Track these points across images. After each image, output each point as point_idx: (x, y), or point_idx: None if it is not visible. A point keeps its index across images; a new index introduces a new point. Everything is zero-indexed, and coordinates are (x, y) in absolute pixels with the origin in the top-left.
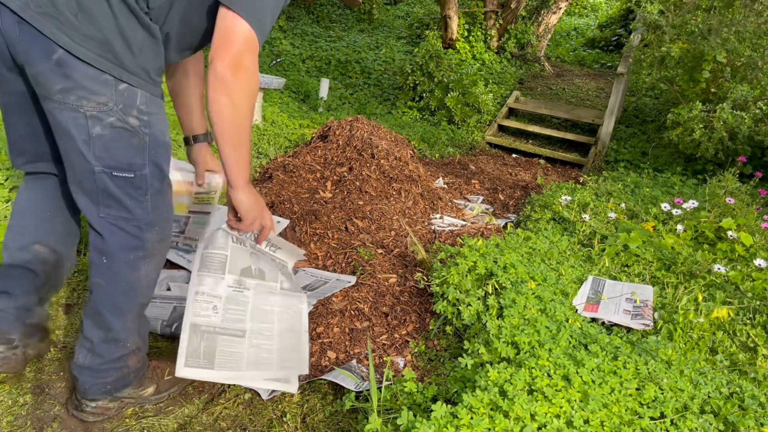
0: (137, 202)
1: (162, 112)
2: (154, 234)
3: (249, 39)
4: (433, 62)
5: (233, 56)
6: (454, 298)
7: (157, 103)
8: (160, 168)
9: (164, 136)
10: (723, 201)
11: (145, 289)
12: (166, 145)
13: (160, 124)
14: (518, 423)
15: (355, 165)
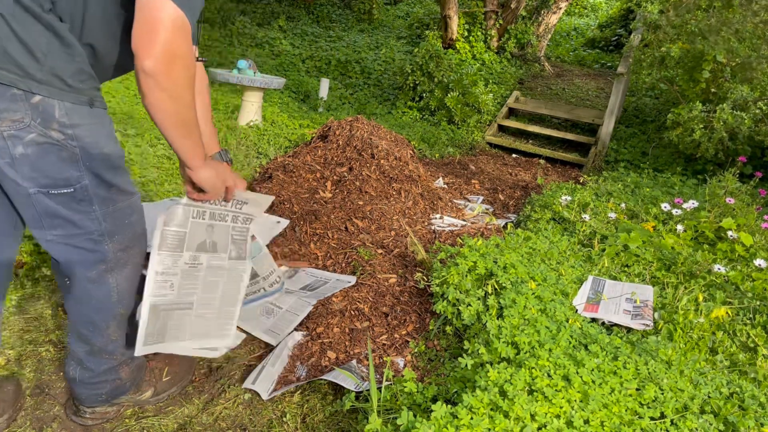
0: (85, 214)
1: (95, 120)
2: (114, 244)
3: (178, 21)
4: (433, 62)
5: (163, 45)
6: (454, 298)
7: (85, 112)
8: (101, 178)
9: (100, 146)
10: (723, 201)
11: (121, 300)
12: (104, 156)
13: (93, 134)
14: (518, 423)
15: (355, 165)
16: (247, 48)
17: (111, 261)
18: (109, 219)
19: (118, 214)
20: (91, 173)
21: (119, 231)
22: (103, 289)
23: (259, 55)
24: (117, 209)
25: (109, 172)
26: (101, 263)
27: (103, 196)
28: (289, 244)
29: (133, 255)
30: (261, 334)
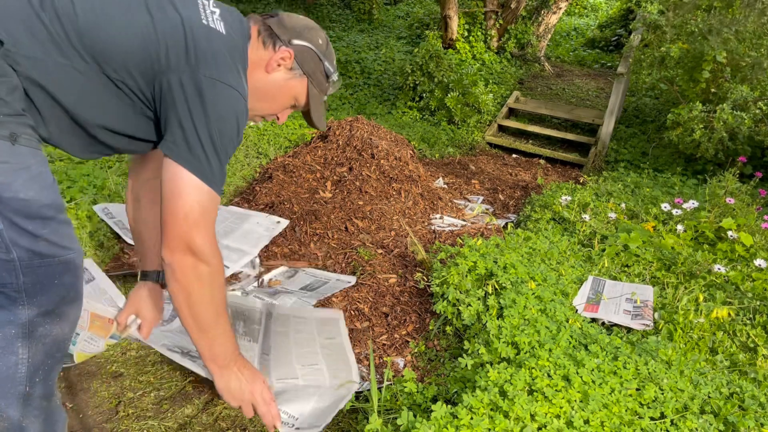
0: (1, 262)
1: (15, 159)
2: (33, 307)
3: (194, 211)
4: (433, 62)
5: (179, 237)
6: (454, 298)
7: (3, 150)
8: (20, 226)
9: (14, 190)
10: (723, 201)
11: (32, 378)
12: (21, 202)
13: (5, 175)
14: (518, 423)
15: (355, 165)
16: None
17: (25, 326)
18: (31, 274)
19: (45, 270)
20: (5, 218)
21: (43, 292)
22: (7, 359)
23: None
24: (44, 264)
25: (31, 221)
26: (10, 326)
27: (25, 246)
28: (289, 244)
29: (58, 324)
30: None
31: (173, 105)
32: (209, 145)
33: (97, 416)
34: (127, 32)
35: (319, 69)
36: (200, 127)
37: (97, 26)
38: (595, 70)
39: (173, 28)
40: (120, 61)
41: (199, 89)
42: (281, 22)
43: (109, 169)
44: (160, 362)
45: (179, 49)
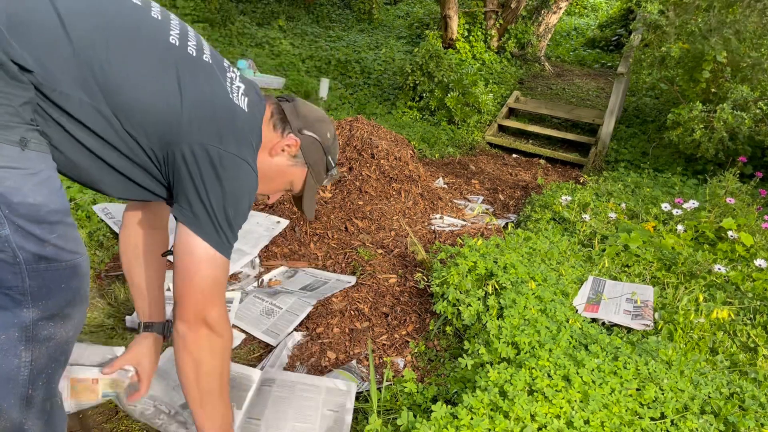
0: (6, 265)
1: (24, 164)
2: (38, 310)
3: (206, 282)
4: (433, 62)
5: (195, 310)
6: (454, 298)
7: (12, 154)
8: (27, 231)
9: (23, 194)
10: (723, 201)
11: (34, 381)
12: (29, 207)
13: (15, 179)
14: (518, 423)
15: (355, 165)
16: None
17: (29, 330)
18: (37, 278)
19: (52, 275)
20: (12, 223)
21: (49, 296)
22: (9, 361)
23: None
24: (51, 269)
25: (38, 226)
26: (14, 329)
27: (32, 251)
28: (289, 244)
29: (63, 327)
30: (260, 335)
31: (189, 174)
32: (223, 217)
33: (97, 416)
34: (153, 95)
35: (321, 162)
36: (216, 199)
37: (126, 81)
38: (595, 70)
39: (200, 100)
40: (138, 120)
41: (220, 162)
42: (296, 109)
43: None
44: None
45: (203, 121)
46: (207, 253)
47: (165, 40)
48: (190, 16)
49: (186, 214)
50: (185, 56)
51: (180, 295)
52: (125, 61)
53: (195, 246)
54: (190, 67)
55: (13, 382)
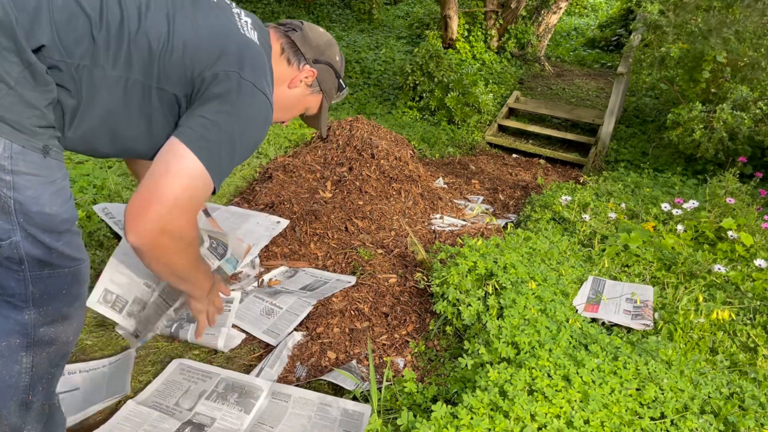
0: (9, 272)
1: (45, 173)
2: (39, 315)
3: (182, 198)
4: (433, 62)
5: (158, 221)
6: (454, 298)
7: (35, 161)
8: (38, 239)
9: (41, 204)
10: (723, 201)
11: (34, 386)
12: (45, 216)
13: (36, 189)
14: (518, 423)
15: (355, 165)
16: None
17: (30, 336)
18: (39, 284)
19: (54, 281)
20: (24, 231)
21: (50, 301)
22: (10, 367)
23: None
24: (54, 275)
25: (49, 234)
26: (15, 335)
27: (38, 258)
28: (289, 244)
29: (63, 332)
30: (260, 335)
31: (206, 96)
32: (228, 140)
33: (96, 415)
34: (177, 38)
35: (334, 85)
36: (224, 122)
37: (146, 35)
38: (595, 70)
39: (217, 33)
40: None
41: (238, 88)
42: (305, 38)
43: (109, 169)
44: (160, 362)
45: (223, 52)
46: (193, 165)
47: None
48: None
49: (184, 129)
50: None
51: (143, 199)
52: (155, 15)
53: (182, 155)
54: (203, 5)
55: (14, 388)
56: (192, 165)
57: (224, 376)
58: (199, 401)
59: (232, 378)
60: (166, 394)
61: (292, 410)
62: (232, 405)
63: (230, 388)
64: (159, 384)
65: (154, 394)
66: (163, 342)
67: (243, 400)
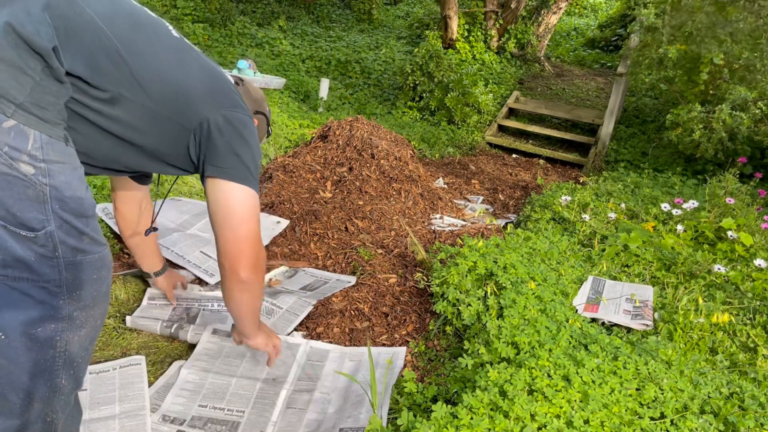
0: (45, 259)
1: (69, 160)
2: (73, 301)
3: (255, 232)
4: (433, 62)
5: (253, 257)
6: (454, 298)
7: (61, 150)
8: (71, 224)
9: (73, 189)
10: (723, 201)
11: (67, 369)
12: (77, 200)
13: (66, 174)
14: (518, 423)
15: (355, 165)
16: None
17: (65, 320)
18: (72, 270)
19: (86, 266)
20: (59, 218)
21: (82, 286)
22: (45, 352)
23: (259, 56)
24: (85, 261)
25: (80, 220)
26: (51, 320)
27: (71, 245)
28: (289, 244)
29: (92, 316)
30: None
31: (221, 139)
32: (253, 166)
33: None
34: (180, 78)
35: (265, 133)
36: (245, 154)
37: (158, 72)
38: (595, 70)
39: (210, 75)
40: (172, 103)
41: (241, 124)
42: (248, 92)
43: None
44: (160, 362)
45: (218, 92)
46: (248, 196)
47: (168, 32)
48: (190, 17)
49: (225, 170)
50: (183, 42)
51: (234, 244)
52: (155, 54)
53: (237, 193)
54: (189, 49)
55: (48, 372)
56: (248, 195)
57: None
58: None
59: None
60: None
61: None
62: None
63: None
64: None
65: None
66: (163, 342)
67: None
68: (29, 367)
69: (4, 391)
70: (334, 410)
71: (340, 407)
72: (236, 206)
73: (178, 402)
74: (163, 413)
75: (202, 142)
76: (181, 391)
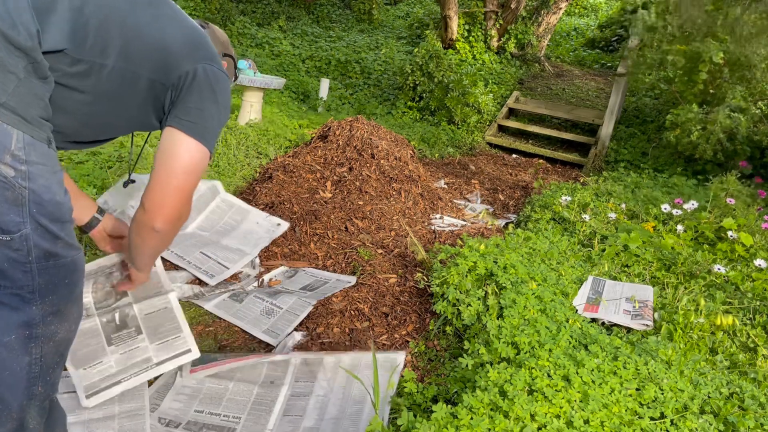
0: (17, 265)
1: (50, 163)
2: (45, 306)
3: (187, 188)
4: (433, 62)
5: (177, 211)
6: (454, 298)
7: (42, 151)
8: (47, 229)
9: (52, 192)
10: (723, 202)
11: (43, 376)
12: (56, 204)
13: (46, 177)
14: (518, 423)
15: (355, 165)
16: (247, 48)
17: (38, 326)
18: (45, 274)
19: (59, 270)
20: (35, 222)
21: (55, 291)
22: (20, 360)
23: (259, 56)
24: (58, 265)
25: (55, 224)
26: (25, 327)
27: (45, 248)
28: (289, 244)
29: (66, 321)
30: (260, 334)
31: (193, 89)
32: (215, 123)
33: None
34: (159, 36)
35: (233, 75)
36: (210, 109)
37: (136, 32)
38: (595, 70)
39: (188, 28)
40: (152, 61)
41: (215, 79)
42: (214, 33)
43: (108, 170)
44: None
45: (196, 46)
46: (195, 152)
47: None
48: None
49: (182, 121)
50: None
51: (160, 194)
52: (132, 12)
53: (184, 145)
54: (166, 3)
55: (25, 380)
56: (198, 151)
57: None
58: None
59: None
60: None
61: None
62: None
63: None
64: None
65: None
66: None
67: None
68: (5, 377)
69: None
70: (331, 417)
71: (339, 413)
72: (183, 155)
73: (175, 406)
74: (159, 415)
75: (176, 95)
76: (179, 396)
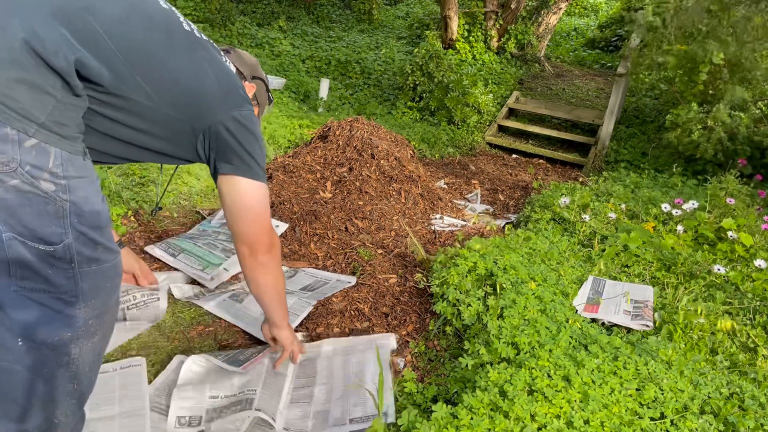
0: (61, 271)
1: (87, 174)
2: (88, 309)
3: (268, 220)
4: (433, 62)
5: (267, 241)
6: (455, 298)
7: (79, 164)
8: (87, 236)
9: (91, 203)
10: (723, 202)
11: (79, 375)
12: (95, 213)
13: (85, 188)
14: (518, 423)
15: (355, 165)
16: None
17: (80, 328)
18: (88, 279)
19: (100, 275)
20: (76, 231)
21: (96, 295)
22: (60, 359)
23: (259, 56)
24: (99, 270)
25: (95, 231)
26: (67, 329)
27: (87, 255)
28: (289, 244)
29: (104, 323)
30: (260, 334)
31: (231, 139)
32: (261, 158)
33: None
34: (194, 82)
35: (266, 99)
36: (253, 148)
37: (172, 75)
38: (595, 71)
39: (222, 74)
40: (185, 107)
41: (249, 121)
42: (240, 57)
43: (108, 170)
44: (160, 362)
45: (228, 94)
46: (260, 190)
47: (180, 26)
48: (190, 17)
49: (239, 167)
50: (193, 36)
51: (252, 234)
52: (169, 57)
53: (251, 189)
54: (199, 45)
55: (63, 378)
56: (259, 190)
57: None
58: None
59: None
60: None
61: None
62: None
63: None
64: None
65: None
66: (163, 342)
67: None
68: (45, 374)
69: (19, 397)
70: (337, 397)
71: (343, 395)
72: (250, 201)
73: (187, 395)
74: (177, 414)
75: (212, 142)
76: (186, 385)
